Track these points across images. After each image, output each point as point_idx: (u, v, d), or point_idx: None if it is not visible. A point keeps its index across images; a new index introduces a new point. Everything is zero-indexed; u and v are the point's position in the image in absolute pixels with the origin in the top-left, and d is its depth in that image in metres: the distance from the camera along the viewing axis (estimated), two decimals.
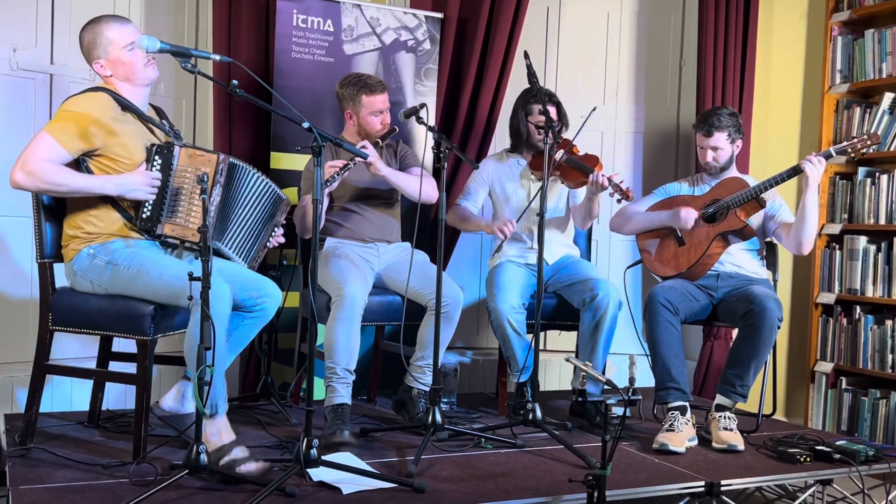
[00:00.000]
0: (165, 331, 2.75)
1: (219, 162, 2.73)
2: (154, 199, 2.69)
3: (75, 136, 2.61)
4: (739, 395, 3.20)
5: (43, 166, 2.56)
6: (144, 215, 2.70)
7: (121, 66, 2.74)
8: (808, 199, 3.27)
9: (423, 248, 3.62)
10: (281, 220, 3.04)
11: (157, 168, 2.71)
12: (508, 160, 3.72)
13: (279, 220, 3.03)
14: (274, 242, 3.04)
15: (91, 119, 2.63)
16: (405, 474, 2.63)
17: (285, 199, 3.04)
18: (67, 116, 2.63)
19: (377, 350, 3.76)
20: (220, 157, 2.74)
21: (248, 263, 2.93)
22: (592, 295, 3.37)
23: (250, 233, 2.92)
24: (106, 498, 2.34)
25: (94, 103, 2.67)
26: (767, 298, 3.16)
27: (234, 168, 2.83)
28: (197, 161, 2.73)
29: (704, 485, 2.71)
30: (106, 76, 2.76)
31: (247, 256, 2.92)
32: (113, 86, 2.76)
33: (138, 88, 2.79)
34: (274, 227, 3.01)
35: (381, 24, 3.92)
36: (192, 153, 2.74)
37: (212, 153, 2.75)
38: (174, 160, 2.71)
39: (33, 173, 2.55)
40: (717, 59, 4.23)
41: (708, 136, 3.47)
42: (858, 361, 3.95)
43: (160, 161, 2.71)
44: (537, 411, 3.08)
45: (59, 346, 3.16)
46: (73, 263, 2.72)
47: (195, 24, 3.98)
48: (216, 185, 2.73)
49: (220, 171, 2.74)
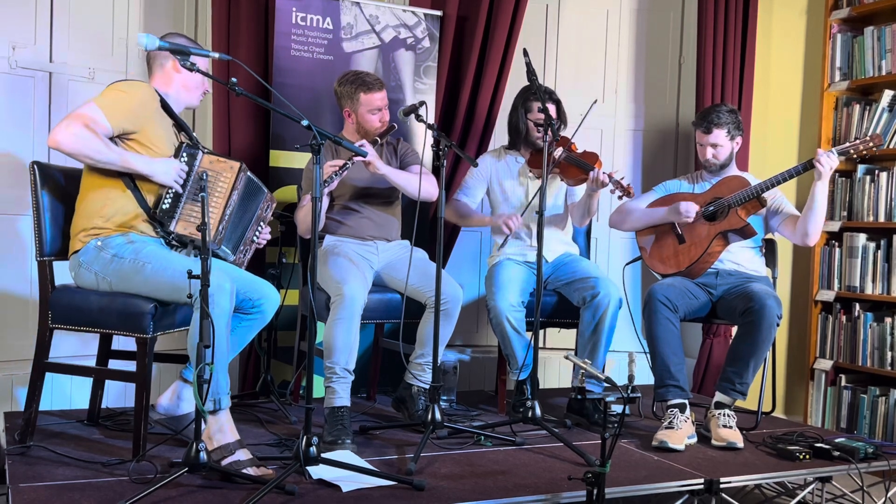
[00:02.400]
0: (165, 329, 2.75)
1: (240, 170, 2.79)
2: (177, 189, 2.74)
3: (121, 114, 2.67)
4: (739, 393, 3.21)
5: (86, 132, 2.60)
6: (165, 206, 2.73)
7: (193, 80, 2.88)
8: (819, 188, 3.27)
9: (423, 245, 3.62)
10: (265, 215, 3.04)
11: (184, 162, 2.77)
12: (506, 157, 3.72)
13: (263, 216, 3.03)
14: (262, 241, 3.05)
15: (138, 102, 2.72)
16: (405, 472, 2.64)
17: (266, 192, 3.02)
18: (118, 95, 2.71)
19: (377, 348, 3.76)
20: (242, 165, 2.81)
21: (236, 258, 2.93)
22: (593, 293, 3.37)
23: (237, 227, 2.92)
24: (105, 496, 2.34)
25: (143, 90, 2.77)
26: (767, 296, 3.16)
27: (250, 181, 2.89)
28: (217, 167, 2.78)
29: (704, 482, 2.71)
30: (176, 72, 2.85)
31: (235, 252, 2.93)
32: (166, 87, 2.87)
33: (182, 103, 2.92)
34: (259, 223, 3.01)
35: (380, 21, 3.92)
36: (214, 159, 2.80)
37: (235, 161, 2.81)
38: (197, 162, 2.77)
39: (76, 135, 2.58)
40: (717, 57, 4.23)
41: (707, 133, 3.47)
42: (858, 359, 3.95)
43: (186, 159, 2.77)
44: (537, 409, 3.08)
45: (59, 343, 3.16)
46: (79, 255, 2.73)
47: (194, 22, 3.98)
48: (234, 191, 2.78)
49: (240, 178, 2.80)
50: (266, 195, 3.01)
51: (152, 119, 2.75)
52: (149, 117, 2.74)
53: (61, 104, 3.62)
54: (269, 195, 3.04)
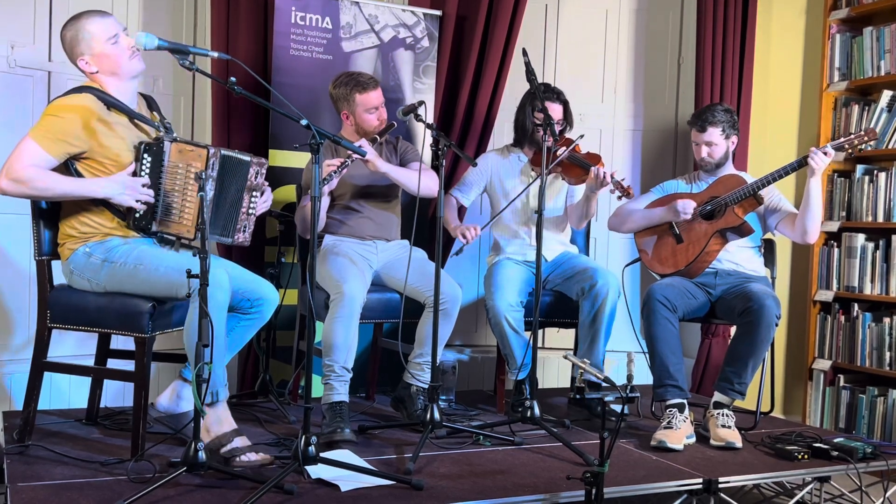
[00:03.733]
0: (163, 328, 2.75)
1: (209, 156, 2.65)
2: (139, 207, 2.65)
3: (59, 141, 2.57)
4: (737, 393, 3.21)
5: (28, 172, 2.52)
6: (137, 215, 2.68)
7: (105, 60, 2.69)
8: (812, 185, 3.26)
9: (422, 245, 3.62)
10: (256, 182, 2.82)
11: (146, 168, 2.67)
12: (510, 156, 3.72)
13: (254, 184, 2.82)
14: (261, 208, 2.89)
15: (75, 122, 2.59)
16: (403, 471, 2.64)
17: (251, 160, 2.79)
18: (51, 121, 2.59)
19: (375, 347, 3.76)
20: (211, 150, 2.66)
21: (233, 236, 2.81)
22: (591, 283, 3.38)
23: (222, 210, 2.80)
24: (104, 495, 2.34)
25: (77, 107, 2.62)
26: (766, 296, 3.16)
27: (226, 160, 2.73)
28: (188, 157, 2.66)
29: (702, 482, 2.71)
30: (91, 73, 2.72)
31: (232, 232, 2.81)
32: (99, 83, 2.72)
33: (125, 82, 2.73)
34: (251, 193, 2.82)
35: (379, 21, 3.92)
36: (182, 148, 2.68)
37: (202, 147, 2.67)
38: (165, 157, 2.67)
39: (18, 180, 2.52)
40: (716, 57, 4.23)
41: (702, 131, 3.48)
42: (856, 359, 3.95)
43: (150, 159, 2.67)
44: (535, 409, 3.08)
45: (57, 343, 3.16)
46: (69, 263, 2.71)
47: (193, 21, 3.97)
48: (208, 180, 2.66)
49: (210, 165, 2.66)
50: (251, 163, 2.79)
51: (98, 132, 2.62)
52: (91, 132, 2.61)
53: None
54: (256, 160, 2.81)
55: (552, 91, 3.60)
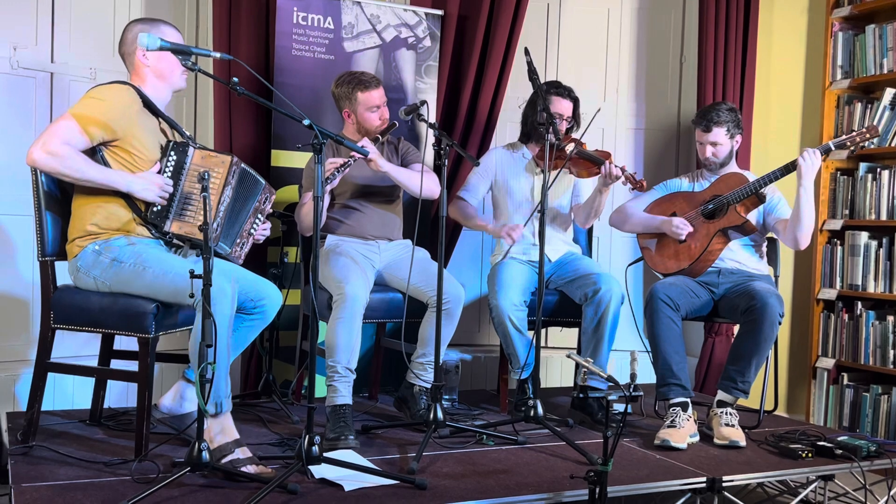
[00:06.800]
0: (167, 329, 2.75)
1: (232, 163, 2.73)
2: (161, 203, 2.69)
3: (98, 124, 2.63)
4: (741, 391, 3.20)
5: (63, 150, 2.57)
6: (156, 209, 2.71)
7: (163, 62, 2.79)
8: (801, 194, 3.24)
9: (424, 245, 3.62)
10: (263, 207, 2.96)
11: (170, 165, 2.72)
12: (516, 152, 3.71)
13: (261, 208, 2.96)
14: (259, 235, 2.99)
15: (116, 109, 2.66)
16: (407, 471, 2.64)
17: (264, 184, 2.94)
18: (94, 104, 2.65)
19: (378, 347, 3.76)
20: (234, 159, 2.75)
21: (232, 248, 2.86)
22: (595, 289, 3.37)
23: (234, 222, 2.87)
24: (108, 495, 2.34)
25: (120, 94, 2.70)
26: (769, 294, 3.16)
27: (245, 174, 2.83)
28: (210, 162, 2.73)
29: (706, 481, 2.71)
30: (143, 65, 2.79)
31: (232, 245, 2.86)
32: (140, 80, 2.80)
33: (164, 92, 2.84)
34: (256, 215, 2.94)
35: (381, 21, 3.92)
36: (205, 154, 2.75)
37: (226, 155, 2.75)
38: (188, 159, 2.73)
39: (53, 154, 2.56)
40: (718, 56, 4.23)
41: (707, 131, 3.47)
42: (860, 357, 3.95)
43: (175, 157, 2.73)
44: (538, 408, 3.08)
45: (61, 343, 3.16)
46: (76, 260, 2.72)
47: (195, 22, 3.98)
48: (227, 187, 2.72)
49: (232, 172, 2.74)
50: (264, 187, 2.94)
51: (134, 123, 2.70)
52: (130, 121, 2.68)
53: (63, 105, 3.62)
54: (268, 187, 2.97)
55: (563, 88, 3.59)
